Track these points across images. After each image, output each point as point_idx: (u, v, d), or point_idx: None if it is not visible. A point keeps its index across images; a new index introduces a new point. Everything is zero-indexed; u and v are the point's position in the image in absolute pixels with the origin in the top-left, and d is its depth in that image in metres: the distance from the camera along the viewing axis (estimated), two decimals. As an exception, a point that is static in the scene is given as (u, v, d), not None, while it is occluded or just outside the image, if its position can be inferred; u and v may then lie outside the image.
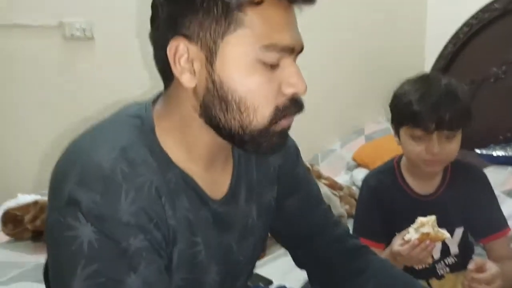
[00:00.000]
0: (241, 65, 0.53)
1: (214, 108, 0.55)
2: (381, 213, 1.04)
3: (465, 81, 1.95)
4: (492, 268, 0.87)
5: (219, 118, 0.55)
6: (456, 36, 2.05)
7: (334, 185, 1.78)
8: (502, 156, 1.47)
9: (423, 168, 0.98)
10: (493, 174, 1.28)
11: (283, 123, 0.57)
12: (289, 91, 0.56)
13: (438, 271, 1.07)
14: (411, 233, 0.88)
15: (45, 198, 1.39)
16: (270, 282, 1.12)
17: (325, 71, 2.31)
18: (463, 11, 1.99)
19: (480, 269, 0.88)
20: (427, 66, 2.27)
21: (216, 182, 0.62)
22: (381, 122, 2.36)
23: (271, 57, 0.54)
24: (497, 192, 1.13)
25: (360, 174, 1.90)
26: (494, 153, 1.49)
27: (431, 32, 2.36)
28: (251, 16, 0.53)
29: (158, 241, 0.53)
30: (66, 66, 1.81)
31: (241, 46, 0.53)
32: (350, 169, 2.13)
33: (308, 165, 1.82)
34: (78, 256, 0.50)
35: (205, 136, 0.58)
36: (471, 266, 0.89)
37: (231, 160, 0.66)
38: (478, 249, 1.12)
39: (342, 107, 2.39)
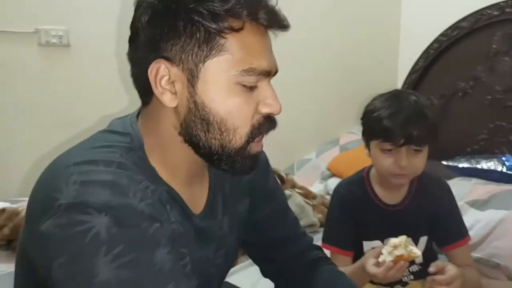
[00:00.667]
0: (221, 88, 0.56)
1: (196, 128, 0.57)
2: (350, 222, 1.07)
3: (435, 95, 2.03)
4: (451, 269, 0.91)
5: (200, 137, 0.58)
6: (426, 52, 2.13)
7: (308, 194, 1.81)
8: (467, 168, 1.52)
9: (391, 181, 1.01)
10: (458, 186, 1.34)
11: (256, 146, 0.60)
12: (265, 110, 0.59)
13: (402, 279, 1.10)
14: (385, 255, 0.90)
15: (14, 206, 1.37)
16: (241, 291, 1.13)
17: (303, 85, 2.37)
18: (434, 28, 2.07)
19: (441, 271, 0.91)
20: (400, 81, 2.35)
21: (195, 197, 0.64)
22: (356, 133, 2.42)
23: (250, 80, 0.57)
24: (461, 202, 1.18)
25: (334, 183, 1.92)
26: (460, 165, 1.55)
27: (404, 48, 2.45)
28: (232, 42, 0.56)
29: (168, 236, 0.55)
30: (42, 73, 1.80)
31: (222, 70, 0.56)
32: (324, 178, 2.17)
33: (283, 174, 1.86)
34: (97, 245, 0.48)
35: (184, 154, 0.60)
36: (432, 268, 0.93)
37: (207, 175, 0.68)
38: (441, 258, 1.16)
39: (319, 118, 2.44)
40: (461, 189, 1.35)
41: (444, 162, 1.62)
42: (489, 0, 1.79)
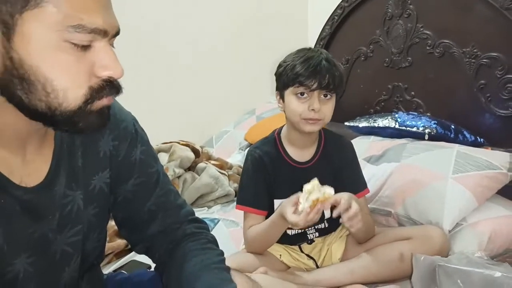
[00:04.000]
0: (45, 44, 0.50)
1: (14, 88, 0.51)
2: (263, 181, 1.11)
3: (341, 60, 2.12)
4: (354, 205, 0.99)
5: (22, 98, 0.52)
6: (331, 18, 2.20)
7: (223, 165, 1.82)
8: (366, 127, 1.62)
9: (304, 128, 1.07)
10: (358, 144, 1.42)
11: (100, 102, 0.55)
12: (103, 73, 0.54)
13: (308, 236, 1.17)
14: (303, 204, 0.94)
15: None
16: (148, 267, 1.12)
17: (217, 60, 2.36)
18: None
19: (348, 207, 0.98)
20: (310, 47, 2.41)
21: (29, 168, 0.59)
22: (271, 103, 2.47)
23: (80, 38, 0.51)
24: (359, 159, 1.25)
25: (250, 152, 1.97)
26: (360, 125, 1.64)
27: (312, 15, 2.51)
28: None
29: None
30: None
31: (45, 24, 0.50)
32: (242, 148, 2.20)
33: (198, 147, 1.85)
34: None
35: (10, 116, 0.54)
36: (335, 213, 0.99)
37: (51, 144, 0.62)
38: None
39: (235, 91, 2.46)
40: (360, 146, 1.44)
41: (346, 123, 1.70)
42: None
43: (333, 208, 1.01)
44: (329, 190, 0.96)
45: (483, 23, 1.54)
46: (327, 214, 1.12)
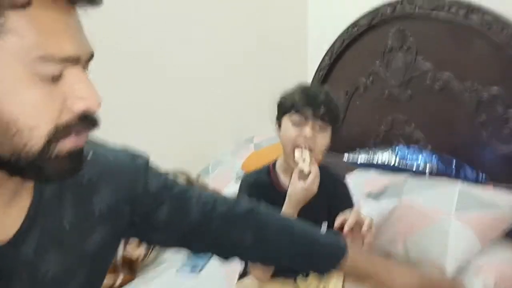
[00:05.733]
0: (10, 79, 0.44)
1: None
2: None
3: (340, 92, 2.10)
4: (366, 218, 0.98)
5: None
6: (331, 49, 2.20)
7: (219, 196, 1.78)
8: (365, 161, 1.58)
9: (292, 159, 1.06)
10: (358, 177, 1.38)
11: (67, 142, 0.47)
12: (77, 106, 0.47)
13: None
14: (305, 167, 1.02)
15: None
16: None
17: (216, 85, 2.35)
18: (339, 26, 2.14)
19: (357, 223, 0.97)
20: (309, 79, 2.41)
21: None
22: (269, 132, 2.44)
23: (50, 69, 0.45)
24: (359, 194, 1.22)
25: (247, 183, 1.92)
26: (359, 158, 1.61)
27: (312, 46, 2.52)
28: (17, 22, 0.43)
29: None
30: None
31: (7, 56, 0.43)
32: (239, 178, 2.15)
33: (193, 177, 1.81)
34: None
35: None
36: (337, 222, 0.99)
37: (28, 196, 0.54)
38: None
39: (233, 118, 2.44)
40: (360, 180, 1.40)
41: (346, 156, 1.67)
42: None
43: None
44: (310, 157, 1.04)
45: (483, 58, 1.53)
46: (324, 228, 1.10)
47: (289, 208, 1.04)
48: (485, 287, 1.02)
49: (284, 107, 1.10)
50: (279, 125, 1.13)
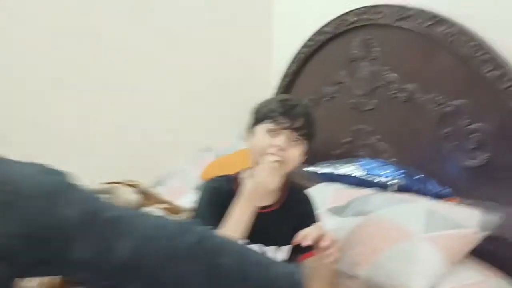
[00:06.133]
0: None
1: None
2: (218, 214, 1.01)
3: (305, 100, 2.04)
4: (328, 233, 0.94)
5: None
6: (297, 56, 2.13)
7: (174, 209, 1.65)
8: (329, 173, 1.52)
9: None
10: (320, 191, 1.31)
11: None
12: None
13: None
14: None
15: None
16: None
17: (173, 91, 2.23)
18: (304, 33, 2.08)
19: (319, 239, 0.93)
20: (273, 86, 2.33)
21: None
22: (231, 140, 2.34)
23: None
24: (323, 209, 1.15)
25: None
26: (323, 170, 1.54)
27: (277, 53, 2.45)
28: None
29: None
30: None
31: None
32: (198, 188, 2.03)
33: (146, 189, 1.67)
34: None
35: None
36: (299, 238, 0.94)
37: None
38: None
39: (192, 125, 2.33)
40: (323, 194, 1.33)
41: (307, 169, 1.60)
42: (353, 4, 1.83)
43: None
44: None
45: (447, 71, 1.51)
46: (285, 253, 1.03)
47: (239, 207, 0.96)
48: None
49: (260, 115, 1.04)
50: (251, 134, 1.06)
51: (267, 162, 0.97)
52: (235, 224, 0.94)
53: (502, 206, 1.23)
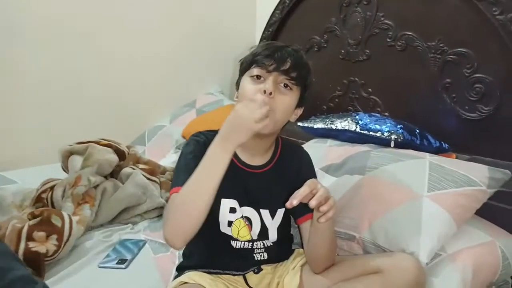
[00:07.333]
0: None
1: None
2: None
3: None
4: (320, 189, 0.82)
5: None
6: (282, 2, 1.96)
7: (154, 170, 1.53)
8: (322, 128, 1.40)
9: None
10: (313, 149, 1.20)
11: None
12: None
13: (255, 256, 0.97)
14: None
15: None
16: None
17: (152, 45, 2.04)
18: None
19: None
20: (258, 35, 2.17)
21: None
22: (214, 95, 2.20)
23: None
24: (316, 168, 1.05)
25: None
26: (315, 126, 1.43)
27: (261, 1, 2.27)
28: None
29: None
30: None
31: None
32: (179, 147, 1.91)
33: (124, 148, 1.54)
34: None
35: None
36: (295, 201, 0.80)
37: None
38: (297, 239, 1.02)
39: (173, 80, 2.17)
40: (316, 152, 1.22)
41: (300, 123, 1.48)
42: None
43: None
44: None
45: (451, 16, 1.38)
46: (254, 236, 0.94)
47: (215, 146, 0.80)
48: (464, 277, 0.90)
49: (245, 63, 0.92)
50: (238, 84, 0.94)
51: (250, 99, 0.83)
52: (209, 168, 0.79)
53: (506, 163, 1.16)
